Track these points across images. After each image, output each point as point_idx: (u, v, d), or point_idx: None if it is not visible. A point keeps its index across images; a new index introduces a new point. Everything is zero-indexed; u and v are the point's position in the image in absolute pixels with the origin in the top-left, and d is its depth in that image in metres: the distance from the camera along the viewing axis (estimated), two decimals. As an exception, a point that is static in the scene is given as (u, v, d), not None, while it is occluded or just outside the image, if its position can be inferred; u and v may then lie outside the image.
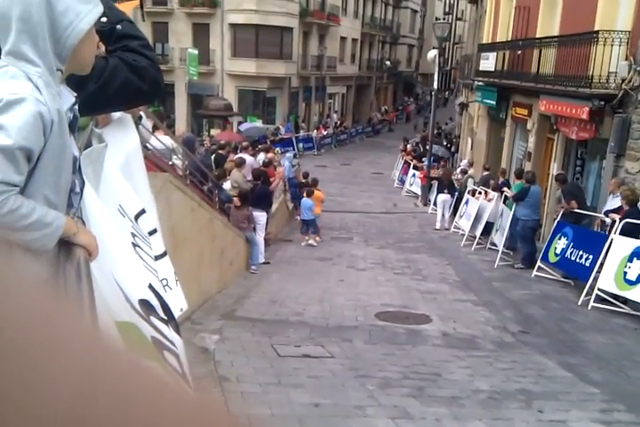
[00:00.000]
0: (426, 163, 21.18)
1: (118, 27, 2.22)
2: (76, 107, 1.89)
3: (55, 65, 1.73)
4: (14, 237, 1.68)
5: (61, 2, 1.68)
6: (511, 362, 6.33)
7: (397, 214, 18.36)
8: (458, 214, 15.08)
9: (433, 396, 5.18)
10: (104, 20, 2.13)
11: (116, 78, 2.12)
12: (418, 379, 5.61)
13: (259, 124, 30.07)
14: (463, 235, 13.79)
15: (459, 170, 19.13)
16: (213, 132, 25.95)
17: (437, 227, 15.66)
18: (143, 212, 2.85)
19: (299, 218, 15.72)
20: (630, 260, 8.20)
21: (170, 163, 7.76)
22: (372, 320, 7.74)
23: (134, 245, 2.61)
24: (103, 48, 2.30)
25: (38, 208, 1.72)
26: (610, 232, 8.80)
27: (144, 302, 2.42)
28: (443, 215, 15.74)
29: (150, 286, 2.59)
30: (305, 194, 13.53)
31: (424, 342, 6.94)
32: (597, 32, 11.57)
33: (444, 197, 15.80)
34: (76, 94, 1.88)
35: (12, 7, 1.65)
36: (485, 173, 15.99)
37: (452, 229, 15.16)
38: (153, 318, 2.43)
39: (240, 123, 29.16)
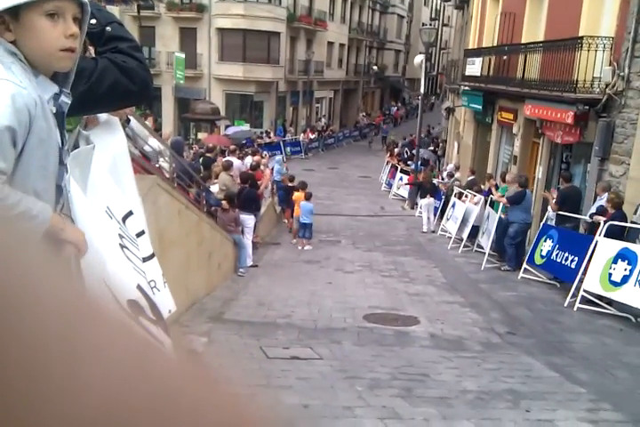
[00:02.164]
0: (413, 166, 21.30)
1: (107, 28, 2.22)
2: (64, 100, 1.88)
3: (5, 48, 1.70)
4: None
5: None
6: (498, 363, 6.36)
7: (385, 217, 18.41)
8: (445, 217, 15.18)
9: (421, 396, 5.20)
10: (93, 21, 2.13)
11: (105, 79, 2.11)
12: (406, 380, 5.62)
13: (246, 127, 30.08)
14: (450, 238, 13.86)
15: (445, 173, 19.24)
16: (200, 135, 25.93)
17: (424, 230, 15.79)
18: (131, 213, 2.85)
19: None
20: (615, 261, 8.29)
21: (157, 165, 7.74)
22: (360, 322, 7.76)
23: (122, 246, 2.61)
24: (92, 50, 2.30)
25: (25, 199, 1.65)
26: (595, 234, 8.89)
27: (133, 303, 2.42)
28: (428, 218, 15.89)
29: (139, 287, 2.59)
30: (304, 197, 13.55)
31: (412, 344, 6.96)
32: (582, 38, 11.72)
33: (427, 201, 16.00)
34: (58, 88, 1.86)
35: None
36: (471, 176, 16.11)
37: (439, 232, 15.23)
38: (142, 319, 2.43)
39: (227, 126, 29.17)
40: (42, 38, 1.74)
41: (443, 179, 18.92)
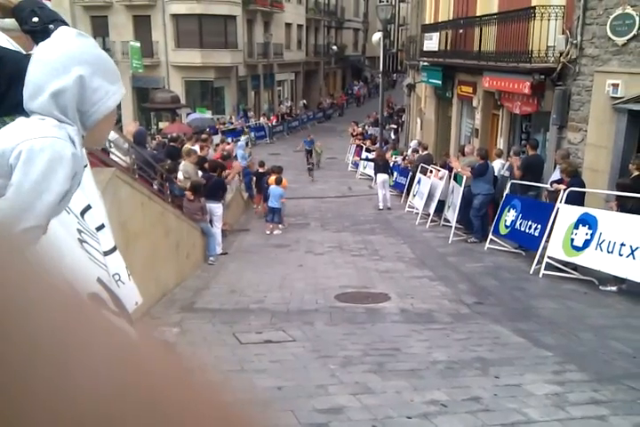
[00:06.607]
0: (377, 145, 21.41)
1: (51, 26, 2.20)
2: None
3: (81, 131, 1.87)
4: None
5: (95, 80, 1.81)
6: (467, 332, 6.49)
7: (352, 197, 18.49)
8: (411, 194, 15.29)
9: (393, 370, 5.29)
10: (36, 19, 2.14)
11: None
12: (378, 355, 5.71)
13: (207, 115, 29.76)
14: (417, 214, 14.00)
15: (410, 150, 19.34)
16: (162, 125, 25.60)
17: (380, 207, 15.77)
18: (89, 208, 2.84)
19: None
20: (576, 227, 8.48)
21: (112, 156, 7.59)
22: (331, 302, 7.83)
23: (81, 240, 2.60)
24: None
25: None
26: (556, 202, 9.08)
27: (94, 296, 2.43)
28: (384, 195, 15.87)
29: (99, 280, 2.60)
30: (274, 182, 13.49)
31: (383, 320, 7.06)
32: (534, 7, 11.85)
33: (383, 178, 15.85)
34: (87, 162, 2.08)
35: (49, 81, 1.77)
36: (425, 152, 16.25)
37: (407, 209, 15.35)
38: (103, 312, 2.44)
39: (188, 114, 28.83)
40: (112, 124, 2.06)
41: (406, 156, 19.01)
